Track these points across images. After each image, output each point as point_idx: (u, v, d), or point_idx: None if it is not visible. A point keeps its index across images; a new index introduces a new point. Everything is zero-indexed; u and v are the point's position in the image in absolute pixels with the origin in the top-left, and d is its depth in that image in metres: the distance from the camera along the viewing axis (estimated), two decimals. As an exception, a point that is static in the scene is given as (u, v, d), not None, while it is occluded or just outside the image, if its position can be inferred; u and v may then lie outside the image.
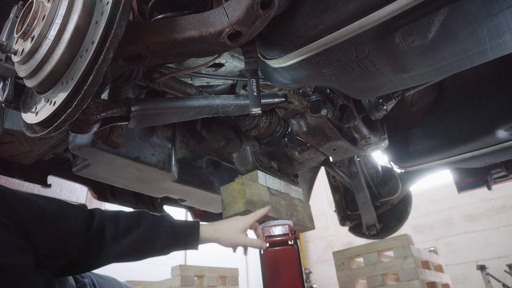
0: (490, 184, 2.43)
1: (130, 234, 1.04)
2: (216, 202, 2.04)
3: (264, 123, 1.64)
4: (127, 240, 1.04)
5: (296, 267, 1.40)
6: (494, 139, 1.69)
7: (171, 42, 0.80)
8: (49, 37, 0.72)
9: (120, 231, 1.04)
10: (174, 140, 1.71)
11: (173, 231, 1.11)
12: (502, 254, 6.19)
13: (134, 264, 5.18)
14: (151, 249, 1.09)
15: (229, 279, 2.73)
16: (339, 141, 1.55)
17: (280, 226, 1.47)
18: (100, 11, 0.70)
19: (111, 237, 1.02)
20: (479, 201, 6.75)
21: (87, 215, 1.01)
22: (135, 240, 1.04)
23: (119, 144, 1.08)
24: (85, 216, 1.00)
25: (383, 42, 0.91)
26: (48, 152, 1.83)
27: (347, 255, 2.56)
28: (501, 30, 0.86)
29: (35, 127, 0.83)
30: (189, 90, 1.40)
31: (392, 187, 2.57)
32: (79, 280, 1.16)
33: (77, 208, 1.01)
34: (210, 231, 1.16)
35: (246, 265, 7.40)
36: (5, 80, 0.93)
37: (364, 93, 1.21)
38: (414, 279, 2.14)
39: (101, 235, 1.01)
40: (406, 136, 2.04)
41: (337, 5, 0.83)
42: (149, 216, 1.12)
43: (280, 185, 1.68)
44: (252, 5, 0.76)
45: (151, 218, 1.11)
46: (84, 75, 0.69)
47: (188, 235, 1.13)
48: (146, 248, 1.08)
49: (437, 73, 1.05)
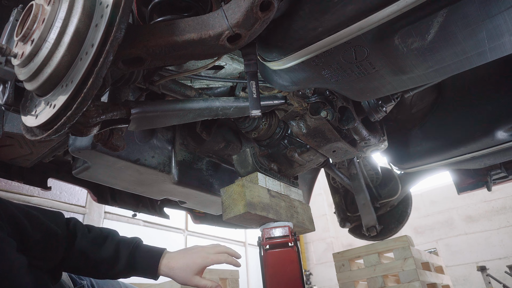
0: (490, 185, 2.43)
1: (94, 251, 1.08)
2: (216, 204, 2.04)
3: (263, 125, 1.64)
4: (91, 255, 1.07)
5: (297, 268, 1.40)
6: (493, 140, 1.69)
7: (171, 45, 0.81)
8: (49, 40, 0.72)
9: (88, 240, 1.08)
10: (174, 142, 1.71)
11: (134, 262, 1.12)
12: (503, 255, 6.19)
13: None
14: (107, 271, 1.11)
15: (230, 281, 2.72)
16: (338, 142, 1.55)
17: (280, 228, 1.47)
18: (100, 14, 0.70)
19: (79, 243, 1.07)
20: (479, 202, 6.75)
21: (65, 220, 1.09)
22: (95, 258, 1.08)
23: (119, 146, 1.08)
24: (64, 220, 1.08)
25: (382, 44, 0.92)
26: (48, 155, 1.83)
27: (347, 256, 2.56)
28: (499, 32, 0.86)
29: (35, 130, 0.83)
30: (189, 93, 1.41)
31: (392, 188, 2.57)
32: (78, 282, 1.17)
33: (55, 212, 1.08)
34: (165, 269, 1.15)
35: (246, 267, 7.39)
36: (5, 83, 0.93)
37: (364, 95, 1.21)
38: (414, 281, 2.14)
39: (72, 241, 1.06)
40: (405, 138, 2.04)
41: (336, 8, 0.83)
42: (116, 238, 1.14)
43: (280, 187, 1.68)
44: (252, 8, 0.77)
45: (117, 241, 1.13)
46: (84, 78, 0.69)
47: (146, 269, 1.14)
48: (103, 269, 1.10)
49: (436, 75, 1.05)
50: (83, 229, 1.10)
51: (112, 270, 1.10)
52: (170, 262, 1.16)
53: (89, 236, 1.09)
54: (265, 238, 1.46)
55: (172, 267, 1.15)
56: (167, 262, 1.15)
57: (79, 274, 1.13)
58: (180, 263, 1.16)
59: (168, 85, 1.34)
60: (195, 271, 1.16)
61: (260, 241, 1.47)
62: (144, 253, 1.15)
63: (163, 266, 1.14)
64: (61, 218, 1.08)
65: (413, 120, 2.03)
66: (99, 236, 1.12)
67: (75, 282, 1.16)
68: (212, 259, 1.20)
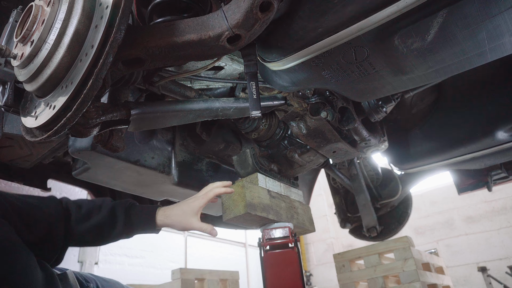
0: (490, 186, 2.43)
1: (90, 219, 1.13)
2: (216, 205, 2.03)
3: (263, 126, 1.64)
4: (87, 224, 1.12)
5: (297, 269, 1.39)
6: (494, 140, 1.69)
7: (171, 46, 0.80)
8: (48, 41, 0.72)
9: (82, 216, 1.13)
10: (174, 143, 1.71)
11: (130, 219, 1.19)
12: (503, 256, 6.18)
13: (135, 268, 5.17)
14: (110, 234, 1.17)
15: (230, 282, 2.72)
16: (338, 143, 1.55)
17: (280, 228, 1.47)
18: (100, 15, 0.70)
19: (75, 220, 1.11)
20: (479, 202, 6.75)
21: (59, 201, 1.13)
22: (95, 224, 1.13)
23: (119, 147, 1.08)
24: (58, 201, 1.12)
25: (382, 45, 0.92)
26: (48, 156, 1.83)
27: (347, 257, 2.56)
28: (499, 32, 0.86)
29: (35, 131, 0.83)
30: (188, 93, 1.40)
31: (392, 189, 2.57)
32: (84, 285, 1.17)
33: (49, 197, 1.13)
34: (161, 218, 1.22)
35: (246, 268, 7.38)
36: (4, 84, 0.93)
37: (364, 95, 1.21)
38: (415, 281, 2.14)
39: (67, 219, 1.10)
40: (406, 138, 2.04)
41: (335, 8, 0.83)
42: (109, 203, 1.20)
43: (280, 187, 1.67)
44: (251, 8, 0.76)
45: (111, 205, 1.19)
46: (84, 79, 0.69)
47: (144, 223, 1.21)
48: (105, 233, 1.17)
49: (436, 75, 1.05)
50: (75, 205, 1.15)
51: (113, 231, 1.17)
52: (166, 211, 1.23)
53: (82, 209, 1.14)
54: (265, 239, 1.46)
55: (168, 215, 1.23)
56: (163, 212, 1.23)
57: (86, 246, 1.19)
58: (175, 209, 1.24)
59: (168, 86, 1.34)
60: (191, 214, 1.23)
61: (260, 242, 1.47)
62: (139, 209, 1.23)
63: (159, 216, 1.22)
64: (55, 201, 1.12)
65: (413, 120, 2.02)
66: (93, 207, 1.17)
67: (82, 284, 1.16)
68: (203, 198, 1.27)
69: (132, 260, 5.19)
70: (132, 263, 5.17)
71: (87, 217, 1.13)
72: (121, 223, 1.17)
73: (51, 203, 1.09)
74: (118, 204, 1.21)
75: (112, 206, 1.19)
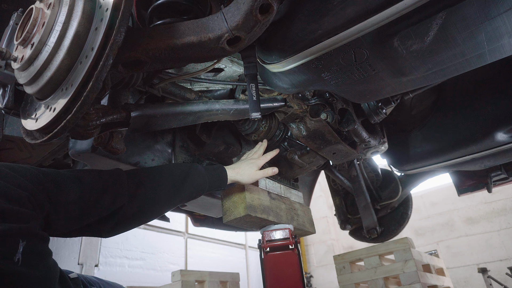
0: (490, 187, 2.43)
1: (167, 180, 1.13)
2: (217, 207, 2.03)
3: (263, 128, 1.64)
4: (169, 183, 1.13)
5: (297, 271, 1.39)
6: (493, 141, 1.69)
7: (171, 48, 0.81)
8: (48, 43, 0.72)
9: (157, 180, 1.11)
10: (174, 145, 1.71)
11: (206, 176, 1.26)
12: (504, 257, 6.17)
13: (135, 270, 5.16)
14: (189, 189, 1.19)
15: (230, 283, 2.72)
16: (338, 145, 1.55)
17: (280, 230, 1.47)
18: (100, 18, 0.71)
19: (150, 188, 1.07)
20: (479, 203, 6.74)
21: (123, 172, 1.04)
22: (174, 184, 1.15)
23: (119, 149, 1.08)
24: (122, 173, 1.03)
25: (382, 46, 0.92)
26: (48, 158, 1.82)
27: (348, 259, 2.56)
28: (498, 34, 0.87)
29: (35, 134, 0.83)
30: (188, 95, 1.41)
31: (392, 190, 2.56)
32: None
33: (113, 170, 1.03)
34: (233, 174, 1.34)
35: (247, 270, 7.37)
36: (5, 87, 0.93)
37: (363, 97, 1.21)
38: (415, 283, 2.13)
39: (138, 186, 1.03)
40: (405, 139, 2.04)
41: (335, 10, 0.83)
42: (182, 165, 1.25)
43: (280, 189, 1.67)
44: (251, 10, 0.77)
45: (186, 166, 1.24)
46: (84, 81, 0.69)
47: (219, 179, 1.30)
48: (185, 190, 1.18)
49: (436, 77, 1.05)
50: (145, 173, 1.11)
51: (192, 188, 1.20)
52: (235, 169, 1.37)
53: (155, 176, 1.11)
54: (265, 241, 1.46)
55: (238, 172, 1.36)
56: (232, 170, 1.36)
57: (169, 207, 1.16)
58: (243, 167, 1.38)
59: (168, 88, 1.34)
60: (257, 169, 1.39)
61: (260, 243, 1.47)
62: (210, 167, 1.33)
63: (230, 173, 1.34)
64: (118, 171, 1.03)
65: (413, 122, 2.03)
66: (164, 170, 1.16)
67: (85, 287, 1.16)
68: (264, 158, 1.46)
69: (132, 262, 5.18)
70: (132, 265, 5.16)
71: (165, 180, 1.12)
72: (199, 181, 1.22)
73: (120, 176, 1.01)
74: (192, 166, 1.24)
75: (189, 167, 1.22)
